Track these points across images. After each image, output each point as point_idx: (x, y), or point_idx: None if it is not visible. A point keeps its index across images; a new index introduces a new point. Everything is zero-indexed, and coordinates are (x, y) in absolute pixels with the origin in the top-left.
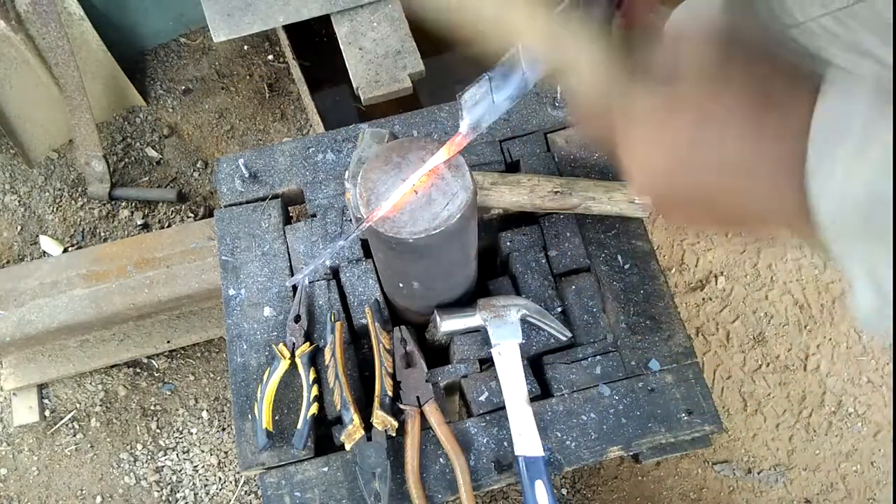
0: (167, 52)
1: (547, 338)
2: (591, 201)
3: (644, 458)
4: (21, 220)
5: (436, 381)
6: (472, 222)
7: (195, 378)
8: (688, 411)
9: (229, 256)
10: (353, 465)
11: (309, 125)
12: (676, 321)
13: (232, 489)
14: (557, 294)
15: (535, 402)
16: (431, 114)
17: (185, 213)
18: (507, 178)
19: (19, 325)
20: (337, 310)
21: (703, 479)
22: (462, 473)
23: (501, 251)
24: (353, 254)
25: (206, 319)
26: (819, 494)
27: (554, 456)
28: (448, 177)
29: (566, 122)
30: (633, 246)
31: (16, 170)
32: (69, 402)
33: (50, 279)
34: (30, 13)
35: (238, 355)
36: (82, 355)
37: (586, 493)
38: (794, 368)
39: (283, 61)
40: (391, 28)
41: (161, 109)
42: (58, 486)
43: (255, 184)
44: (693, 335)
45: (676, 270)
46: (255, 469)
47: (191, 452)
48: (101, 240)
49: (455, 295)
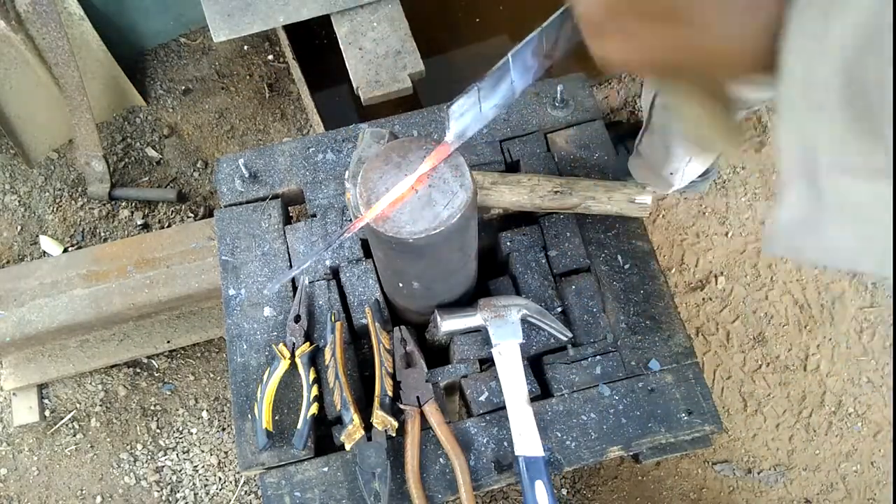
0: (167, 52)
1: (547, 338)
2: (591, 201)
3: (644, 458)
4: (21, 220)
5: (436, 381)
6: (472, 222)
7: (195, 378)
8: (688, 411)
9: (229, 256)
10: (353, 465)
11: (309, 125)
12: (676, 321)
13: (232, 489)
14: (557, 294)
15: (535, 402)
16: (431, 114)
17: (185, 213)
18: (507, 178)
19: (19, 325)
20: (337, 310)
21: (703, 479)
22: (462, 473)
23: (501, 251)
24: (353, 254)
25: (206, 319)
26: (819, 494)
27: (554, 456)
28: (448, 177)
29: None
30: (633, 246)
31: (16, 170)
32: (69, 402)
33: (50, 279)
34: (30, 13)
35: (238, 355)
36: (82, 355)
37: (586, 493)
38: (794, 368)
39: (283, 61)
40: (391, 28)
41: (161, 109)
42: (58, 486)
43: (255, 184)
44: (693, 335)
45: (676, 270)
46: (255, 469)
47: (191, 452)
48: (101, 240)
49: (455, 295)
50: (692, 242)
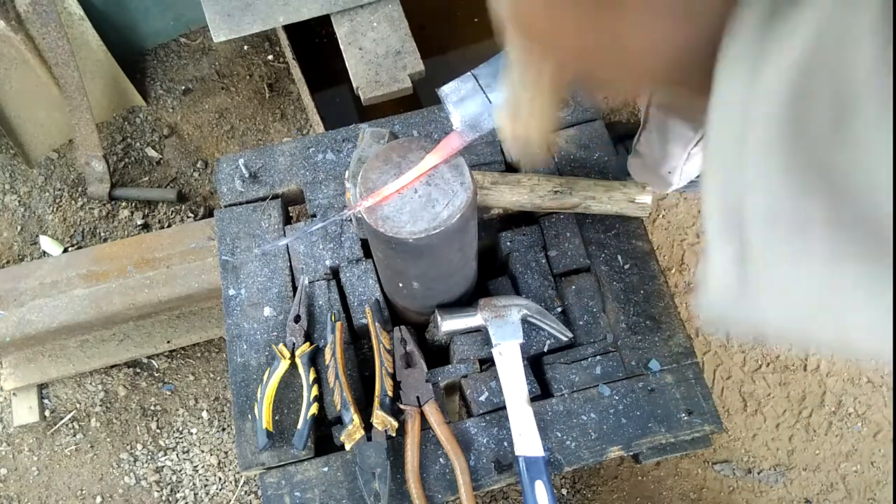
0: (167, 52)
1: (547, 338)
2: (591, 200)
3: (644, 458)
4: (21, 220)
5: (436, 381)
6: (472, 222)
7: (195, 378)
8: (688, 411)
9: (229, 256)
10: (353, 465)
11: (309, 125)
12: (676, 321)
13: (232, 489)
14: (557, 294)
15: (535, 402)
16: (431, 114)
17: (185, 213)
18: (507, 178)
19: (19, 325)
20: (337, 310)
21: (703, 479)
22: (462, 473)
23: (501, 251)
24: (353, 254)
25: (206, 319)
26: (819, 494)
27: (554, 456)
28: (448, 177)
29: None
30: (633, 246)
31: (16, 170)
32: (69, 402)
33: (50, 279)
34: (30, 13)
35: (238, 355)
36: (82, 355)
37: (586, 493)
38: (794, 368)
39: (283, 61)
40: (391, 28)
41: (161, 109)
42: (58, 486)
43: (255, 184)
44: (693, 335)
45: (676, 270)
46: (255, 469)
47: (191, 452)
48: (101, 240)
49: (455, 295)
50: (692, 242)
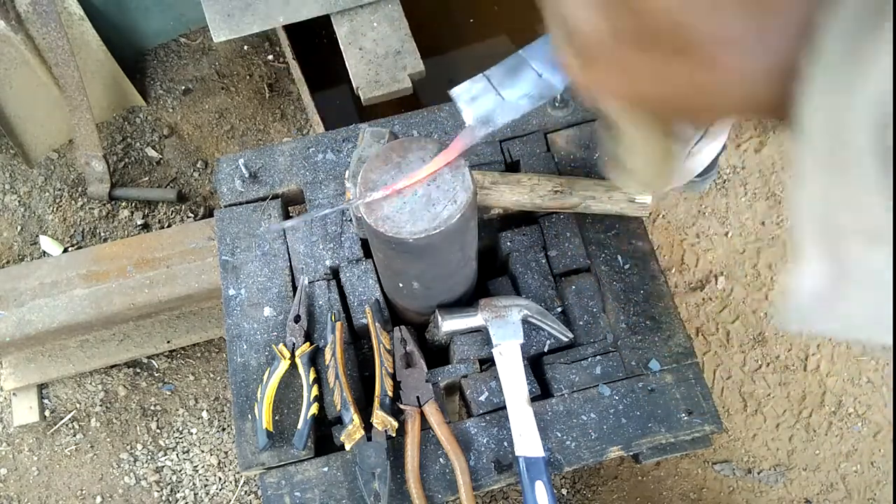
0: (167, 52)
1: (547, 338)
2: (591, 200)
3: (644, 458)
4: (21, 220)
5: (436, 381)
6: (472, 222)
7: (195, 378)
8: (688, 411)
9: (229, 256)
10: (353, 465)
11: (309, 125)
12: (676, 321)
13: (232, 489)
14: (557, 294)
15: (535, 402)
16: (431, 114)
17: (185, 213)
18: (507, 178)
19: (19, 325)
20: (337, 310)
21: (703, 479)
22: (462, 473)
23: (501, 251)
24: (353, 254)
25: (206, 319)
26: (819, 494)
27: (554, 456)
28: (448, 177)
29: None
30: (633, 246)
31: (16, 170)
32: (69, 402)
33: (50, 279)
34: (30, 13)
35: (238, 355)
36: (82, 355)
37: (586, 493)
38: (794, 368)
39: (283, 61)
40: (391, 28)
41: (161, 109)
42: (58, 486)
43: (255, 184)
44: (693, 335)
45: (676, 270)
46: (255, 469)
47: (191, 452)
48: (101, 240)
49: (455, 295)
50: (692, 242)
